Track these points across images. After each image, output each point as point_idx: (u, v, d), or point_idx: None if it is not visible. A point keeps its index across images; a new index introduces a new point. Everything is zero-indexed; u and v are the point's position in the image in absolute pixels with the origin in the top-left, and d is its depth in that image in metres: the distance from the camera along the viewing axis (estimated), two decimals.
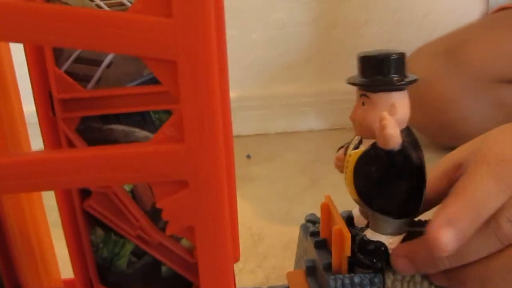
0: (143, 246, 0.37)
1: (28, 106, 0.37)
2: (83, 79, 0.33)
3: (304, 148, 0.89)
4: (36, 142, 0.35)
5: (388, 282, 0.30)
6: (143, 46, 0.20)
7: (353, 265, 0.31)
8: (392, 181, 0.29)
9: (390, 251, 0.31)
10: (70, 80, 0.33)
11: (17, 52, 0.34)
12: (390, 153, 0.29)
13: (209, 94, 0.19)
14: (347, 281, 0.30)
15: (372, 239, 0.32)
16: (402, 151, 0.29)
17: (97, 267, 0.38)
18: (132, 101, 0.34)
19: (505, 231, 0.28)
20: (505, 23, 0.80)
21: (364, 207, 0.32)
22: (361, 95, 0.31)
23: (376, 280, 0.30)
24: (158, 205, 0.21)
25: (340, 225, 0.30)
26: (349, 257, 0.31)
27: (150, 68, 0.21)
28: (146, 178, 0.21)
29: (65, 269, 0.38)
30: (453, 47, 0.78)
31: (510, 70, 0.73)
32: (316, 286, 0.32)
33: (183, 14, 0.18)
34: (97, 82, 0.33)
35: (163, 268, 0.39)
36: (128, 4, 0.31)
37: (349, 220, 0.35)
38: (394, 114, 0.29)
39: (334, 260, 0.31)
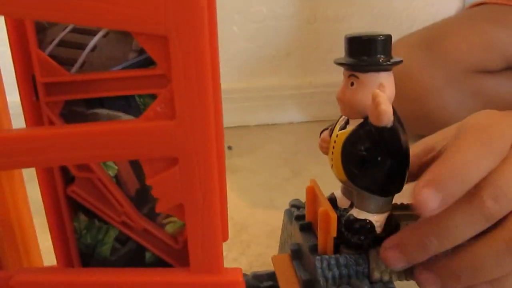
0: (128, 232, 0.37)
1: (11, 96, 0.36)
2: (67, 63, 0.32)
3: (285, 140, 0.89)
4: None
5: (373, 262, 0.31)
6: (134, 20, 0.20)
7: (339, 246, 0.32)
8: (381, 159, 0.30)
9: (376, 229, 0.32)
10: (54, 63, 0.32)
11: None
12: (382, 130, 0.29)
13: (200, 70, 0.19)
14: (333, 261, 0.30)
15: (358, 217, 0.32)
16: (393, 128, 0.29)
17: (80, 254, 0.38)
18: (117, 85, 0.34)
19: (489, 208, 0.28)
20: (482, 17, 0.81)
21: (351, 187, 0.32)
22: (350, 76, 0.31)
23: (361, 260, 0.31)
24: (148, 183, 0.21)
25: (325, 206, 0.30)
26: (335, 238, 0.31)
27: (141, 44, 0.21)
28: (136, 155, 0.21)
29: (48, 258, 0.37)
30: (431, 39, 0.80)
31: (487, 61, 0.75)
32: (302, 269, 0.33)
33: None
34: (81, 66, 0.32)
35: (147, 255, 0.38)
36: None
37: (331, 201, 0.36)
38: (383, 93, 0.29)
39: (320, 242, 0.31)
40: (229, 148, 0.81)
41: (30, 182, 0.35)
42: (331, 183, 0.64)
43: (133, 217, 0.37)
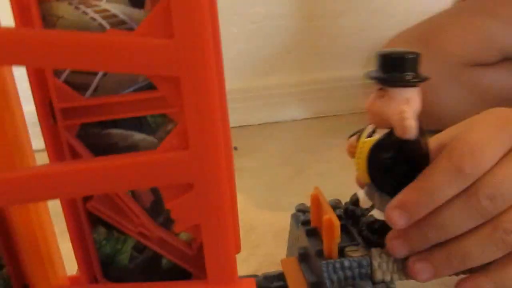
0: (144, 241, 0.39)
1: (27, 106, 0.38)
2: (81, 88, 0.35)
3: (287, 138, 0.91)
4: (36, 142, 0.36)
5: (375, 264, 0.33)
6: (147, 63, 0.22)
7: (343, 249, 0.34)
8: (402, 168, 0.32)
9: None
10: (69, 89, 0.34)
11: None
12: (406, 142, 0.32)
13: (210, 105, 0.21)
14: (338, 265, 0.33)
15: (379, 218, 0.35)
16: (416, 141, 0.32)
17: (100, 263, 0.40)
18: (129, 107, 0.36)
19: (485, 207, 0.31)
20: (475, 10, 0.82)
21: (373, 189, 0.35)
22: (379, 89, 0.34)
23: (364, 262, 0.33)
24: (167, 207, 0.23)
25: (329, 214, 0.32)
26: (359, 235, 0.35)
27: (155, 85, 0.23)
28: (155, 183, 0.23)
29: (70, 267, 0.40)
30: (426, 33, 0.81)
31: (482, 54, 0.76)
32: (309, 272, 0.35)
33: (184, 36, 0.21)
34: (95, 90, 0.35)
35: (163, 261, 0.41)
36: (121, 15, 0.33)
37: (354, 201, 0.39)
38: (409, 107, 0.32)
39: (325, 247, 0.33)
40: (235, 149, 0.83)
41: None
42: (334, 180, 0.66)
43: (149, 227, 0.39)
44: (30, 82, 0.34)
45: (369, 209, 0.37)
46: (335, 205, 0.41)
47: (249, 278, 0.24)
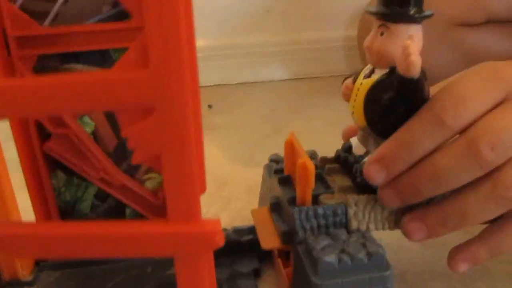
0: (107, 189, 0.37)
1: None
2: (39, 16, 0.32)
3: (266, 97, 0.89)
4: None
5: (351, 212, 0.31)
6: None
7: (317, 197, 0.32)
8: (404, 108, 0.30)
9: None
10: (25, 16, 0.31)
11: None
12: (409, 81, 0.30)
13: (174, 15, 0.19)
14: (310, 212, 0.31)
15: None
16: (420, 79, 0.30)
17: (59, 212, 0.38)
18: (91, 39, 0.33)
19: (486, 157, 0.29)
20: None
21: (369, 133, 0.33)
22: (380, 25, 0.31)
23: (339, 210, 0.31)
24: (124, 134, 0.21)
25: (304, 158, 0.30)
26: (354, 181, 0.34)
27: None
28: (111, 106, 0.20)
29: (26, 217, 0.37)
30: None
31: (467, 14, 0.74)
32: (280, 221, 0.33)
33: None
34: (54, 19, 0.32)
35: (127, 211, 0.39)
36: None
37: (348, 148, 0.37)
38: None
39: (299, 194, 0.31)
40: (209, 106, 0.80)
41: (6, 142, 0.34)
42: (314, 138, 0.64)
43: (112, 173, 0.36)
44: None
45: (362, 156, 0.35)
46: (311, 156, 0.39)
47: (213, 219, 0.22)
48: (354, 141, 0.36)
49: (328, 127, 0.71)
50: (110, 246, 0.23)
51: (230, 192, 0.52)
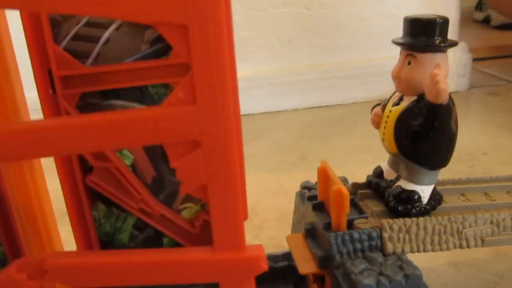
0: (145, 219, 0.38)
1: (29, 93, 0.37)
2: (81, 56, 0.33)
3: (289, 126, 0.90)
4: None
5: (385, 235, 0.32)
6: (154, 11, 0.21)
7: (352, 223, 0.33)
8: (432, 134, 0.32)
9: (422, 199, 0.35)
10: (69, 57, 0.33)
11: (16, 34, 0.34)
12: (437, 107, 0.31)
13: (219, 56, 0.20)
14: (346, 237, 0.31)
15: (406, 188, 0.35)
16: (448, 106, 0.31)
17: (99, 242, 0.39)
18: (130, 76, 0.35)
19: None
20: None
21: (400, 159, 0.34)
22: (407, 55, 0.33)
23: (374, 234, 0.32)
24: (172, 166, 0.22)
25: (338, 185, 0.31)
26: (387, 206, 0.34)
27: (162, 34, 0.21)
28: (160, 140, 0.22)
29: (68, 248, 0.38)
30: None
31: None
32: (316, 246, 0.34)
33: None
34: (96, 59, 0.33)
35: (165, 240, 0.40)
36: None
37: (379, 174, 0.38)
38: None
39: (334, 219, 0.32)
40: None
41: (48, 173, 0.36)
42: (337, 167, 0.65)
43: (150, 204, 0.38)
44: (29, 50, 0.32)
45: (394, 181, 0.37)
46: (343, 182, 0.39)
47: (257, 245, 0.23)
48: (384, 166, 0.37)
49: (352, 154, 0.72)
50: (160, 273, 0.24)
51: (260, 220, 0.53)
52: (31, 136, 0.21)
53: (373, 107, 0.36)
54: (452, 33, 0.67)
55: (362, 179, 0.40)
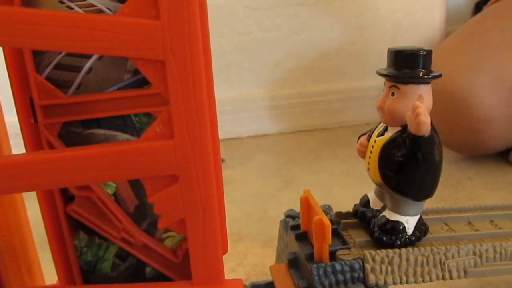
0: (127, 248, 0.38)
1: (9, 116, 0.37)
2: (63, 85, 0.33)
3: (276, 150, 0.90)
4: (17, 151, 0.35)
5: (368, 267, 0.32)
6: (132, 46, 0.21)
7: (334, 253, 0.33)
8: (416, 165, 0.32)
9: (407, 230, 0.34)
10: (51, 86, 0.33)
11: None
12: (419, 138, 0.31)
13: (197, 91, 0.20)
14: (329, 268, 0.31)
15: (391, 218, 0.35)
16: (430, 137, 0.31)
17: (81, 271, 0.39)
18: (112, 105, 0.35)
19: None
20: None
21: (385, 189, 0.34)
22: (391, 86, 0.33)
23: (357, 266, 0.32)
24: (150, 200, 0.22)
25: (320, 215, 0.31)
26: (372, 236, 0.34)
27: (139, 68, 0.21)
28: (138, 175, 0.22)
29: (48, 277, 0.38)
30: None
31: None
32: (299, 277, 0.34)
33: (170, 16, 0.19)
34: (78, 88, 0.33)
35: (147, 269, 0.39)
36: (106, 10, 0.32)
37: (366, 203, 0.38)
38: (422, 104, 0.31)
39: (316, 250, 0.32)
40: (223, 160, 0.82)
41: (28, 200, 0.36)
42: (323, 192, 0.65)
43: (132, 233, 0.37)
44: (10, 79, 0.32)
45: (380, 210, 0.37)
46: (326, 211, 0.39)
47: (236, 279, 0.23)
48: (371, 195, 0.37)
49: (337, 179, 0.72)
50: None
51: (245, 247, 0.53)
52: (7, 171, 0.21)
53: (359, 137, 0.36)
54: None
55: (347, 205, 0.40)
